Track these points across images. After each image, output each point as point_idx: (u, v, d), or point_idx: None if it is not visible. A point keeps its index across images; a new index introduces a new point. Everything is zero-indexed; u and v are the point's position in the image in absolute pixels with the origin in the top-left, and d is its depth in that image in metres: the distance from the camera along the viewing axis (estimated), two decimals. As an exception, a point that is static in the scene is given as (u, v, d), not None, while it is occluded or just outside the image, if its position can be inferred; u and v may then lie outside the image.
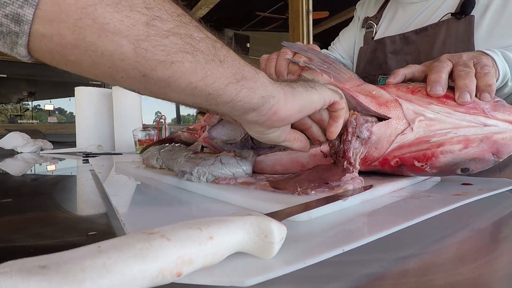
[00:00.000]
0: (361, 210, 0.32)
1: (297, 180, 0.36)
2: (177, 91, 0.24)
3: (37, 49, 0.19)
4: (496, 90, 0.45)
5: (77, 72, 0.22)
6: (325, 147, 0.42)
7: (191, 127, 0.79)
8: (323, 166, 0.40)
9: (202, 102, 0.26)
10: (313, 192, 0.34)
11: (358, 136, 0.40)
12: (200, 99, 0.26)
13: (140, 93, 0.27)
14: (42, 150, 1.53)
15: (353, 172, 0.38)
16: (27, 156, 1.32)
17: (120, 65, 0.21)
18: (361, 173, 0.41)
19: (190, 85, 0.24)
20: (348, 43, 0.94)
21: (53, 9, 0.17)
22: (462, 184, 0.46)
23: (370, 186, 0.37)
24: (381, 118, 0.43)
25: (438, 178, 0.50)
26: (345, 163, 0.39)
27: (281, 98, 0.31)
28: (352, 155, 0.39)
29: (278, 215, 0.23)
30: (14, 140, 1.49)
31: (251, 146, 0.50)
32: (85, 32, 0.19)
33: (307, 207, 0.28)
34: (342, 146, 0.40)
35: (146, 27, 0.20)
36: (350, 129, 0.40)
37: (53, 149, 1.57)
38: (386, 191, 0.40)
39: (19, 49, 0.19)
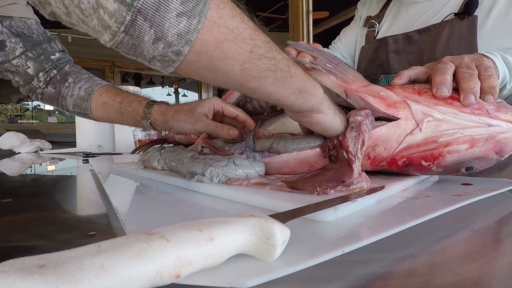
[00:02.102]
0: (363, 211, 0.32)
1: (315, 180, 0.36)
2: (257, 95, 0.34)
3: (182, 69, 0.28)
4: None
5: (198, 79, 0.32)
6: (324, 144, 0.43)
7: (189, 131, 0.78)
8: (331, 165, 0.40)
9: (270, 102, 0.37)
10: (332, 191, 0.34)
11: (352, 127, 0.41)
12: (270, 100, 0.35)
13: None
14: (41, 150, 1.53)
15: (355, 162, 0.38)
16: (26, 157, 1.32)
17: (230, 79, 0.30)
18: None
19: (268, 93, 0.33)
20: (349, 42, 0.93)
21: (200, 46, 0.26)
22: (462, 184, 0.46)
23: (382, 187, 0.37)
24: (389, 119, 0.43)
25: (436, 177, 0.50)
26: (344, 153, 0.39)
27: (325, 114, 0.40)
28: (351, 144, 0.40)
29: (282, 217, 0.23)
30: (10, 140, 1.47)
31: (252, 148, 0.50)
32: (214, 59, 0.27)
33: (316, 207, 0.28)
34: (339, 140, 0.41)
35: (249, 53, 0.28)
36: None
37: (52, 149, 1.56)
38: (394, 191, 0.40)
39: (170, 68, 0.27)
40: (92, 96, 0.66)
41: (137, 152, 0.93)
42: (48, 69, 0.67)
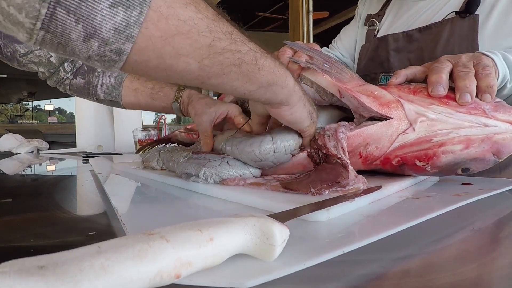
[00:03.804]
0: (362, 211, 0.32)
1: (309, 181, 0.36)
2: (221, 91, 0.31)
3: (128, 70, 0.24)
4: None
5: (150, 79, 0.28)
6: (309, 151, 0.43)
7: (188, 127, 0.79)
8: (325, 166, 0.40)
9: (235, 96, 0.34)
10: (327, 192, 0.34)
11: (328, 136, 0.41)
12: (235, 94, 0.32)
13: None
14: (39, 150, 1.52)
15: (345, 161, 0.38)
16: (25, 157, 1.32)
17: (187, 77, 0.26)
18: (358, 172, 0.41)
19: (233, 88, 0.30)
20: (349, 41, 0.93)
21: (145, 42, 0.22)
22: (462, 184, 0.46)
23: (379, 187, 0.37)
24: (383, 119, 0.43)
25: (437, 177, 0.50)
26: (335, 159, 0.39)
27: (293, 106, 0.38)
28: (338, 152, 0.40)
29: (281, 217, 0.23)
30: (8, 141, 1.48)
31: None
32: (165, 57, 0.24)
33: (314, 207, 0.28)
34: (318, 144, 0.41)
35: (208, 48, 0.25)
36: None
37: (53, 149, 1.56)
38: (391, 191, 0.40)
39: (113, 69, 0.24)
40: (123, 83, 0.68)
41: (140, 152, 0.94)
42: (71, 59, 0.68)
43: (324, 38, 3.06)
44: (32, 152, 1.49)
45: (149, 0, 0.21)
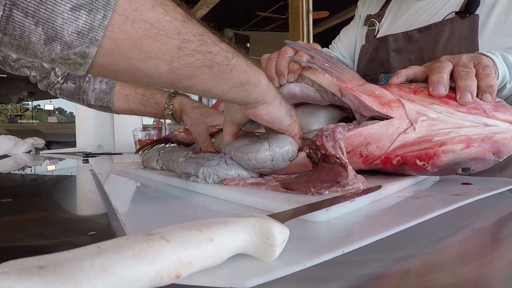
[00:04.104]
0: (362, 210, 0.32)
1: (308, 180, 0.36)
2: (193, 93, 0.31)
3: (95, 73, 0.24)
4: None
5: (121, 82, 0.28)
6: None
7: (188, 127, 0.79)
8: (324, 166, 0.40)
9: (209, 97, 0.33)
10: (327, 192, 0.34)
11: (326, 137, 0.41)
12: (207, 96, 0.32)
13: None
14: (37, 149, 1.52)
15: (343, 160, 0.38)
16: (22, 157, 1.32)
17: (157, 80, 0.26)
18: (358, 172, 0.41)
19: (205, 89, 0.30)
20: (349, 42, 0.93)
21: (111, 46, 0.22)
22: (462, 183, 0.46)
23: (379, 187, 0.37)
24: (384, 118, 0.43)
25: (437, 177, 0.50)
26: (334, 159, 0.39)
27: (270, 105, 0.37)
28: (336, 152, 0.39)
29: (281, 217, 0.23)
30: (3, 144, 1.46)
31: None
32: (133, 60, 0.23)
33: (314, 207, 0.28)
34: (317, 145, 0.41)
35: (177, 50, 0.25)
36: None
37: (52, 149, 1.56)
38: (391, 191, 0.40)
39: (79, 72, 0.23)
40: (114, 88, 0.68)
41: (140, 152, 0.94)
42: None
43: (324, 38, 3.06)
44: (29, 152, 1.48)
45: (114, 3, 0.21)
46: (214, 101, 0.72)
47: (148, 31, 0.23)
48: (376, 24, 0.83)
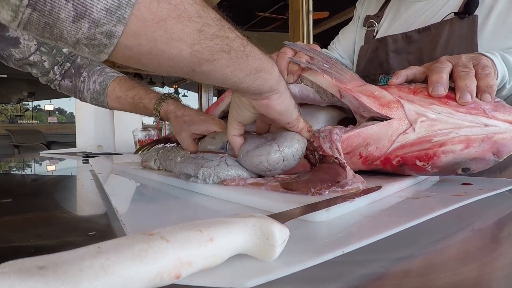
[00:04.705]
0: (362, 211, 0.32)
1: (308, 181, 0.36)
2: (211, 80, 0.30)
3: (118, 56, 0.23)
4: None
5: (140, 68, 0.27)
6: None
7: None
8: (323, 166, 0.40)
9: (226, 86, 0.33)
10: (327, 192, 0.34)
11: (323, 138, 0.41)
12: (225, 85, 0.32)
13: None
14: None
15: (341, 160, 0.38)
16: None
17: (179, 64, 0.26)
18: (357, 172, 0.41)
19: (223, 76, 0.30)
20: (347, 43, 0.93)
21: (137, 25, 0.22)
22: (462, 184, 0.46)
23: (379, 187, 0.37)
24: (383, 119, 0.43)
25: (436, 177, 0.50)
26: (332, 159, 0.39)
27: (283, 94, 0.38)
28: (334, 153, 0.40)
29: (281, 217, 0.23)
30: None
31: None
32: (157, 41, 0.23)
33: (314, 207, 0.28)
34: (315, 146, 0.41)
35: (198, 33, 0.25)
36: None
37: (52, 149, 1.56)
38: (391, 191, 0.40)
39: (102, 55, 0.23)
40: (107, 90, 0.71)
41: (139, 152, 0.94)
42: (61, 62, 0.71)
43: (324, 38, 3.06)
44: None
45: None
46: (212, 102, 0.73)
47: (172, 12, 0.23)
48: (375, 25, 0.83)
